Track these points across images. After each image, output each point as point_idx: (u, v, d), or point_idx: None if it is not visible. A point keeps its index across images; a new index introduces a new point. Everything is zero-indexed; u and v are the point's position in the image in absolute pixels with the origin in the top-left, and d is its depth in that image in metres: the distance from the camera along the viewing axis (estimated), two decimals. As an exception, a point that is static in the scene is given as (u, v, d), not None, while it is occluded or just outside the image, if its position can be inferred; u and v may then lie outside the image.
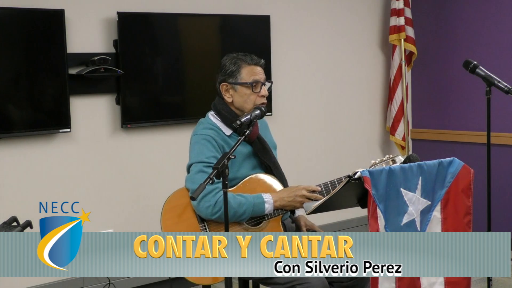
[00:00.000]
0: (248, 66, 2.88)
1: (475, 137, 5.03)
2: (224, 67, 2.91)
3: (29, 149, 3.83)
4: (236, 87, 2.88)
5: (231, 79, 2.88)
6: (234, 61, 2.90)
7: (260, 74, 2.89)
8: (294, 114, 4.95)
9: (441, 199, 2.54)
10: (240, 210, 2.74)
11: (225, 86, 2.90)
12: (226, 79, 2.89)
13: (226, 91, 2.91)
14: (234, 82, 2.87)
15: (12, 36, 3.70)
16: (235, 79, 2.87)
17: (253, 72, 2.88)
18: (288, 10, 4.89)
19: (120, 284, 4.08)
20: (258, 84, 2.87)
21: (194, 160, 2.80)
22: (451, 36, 5.20)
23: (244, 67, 2.88)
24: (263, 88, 2.89)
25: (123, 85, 4.06)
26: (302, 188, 2.82)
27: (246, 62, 2.89)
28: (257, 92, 2.87)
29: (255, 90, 2.87)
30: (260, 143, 2.93)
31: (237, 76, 2.87)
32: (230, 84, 2.88)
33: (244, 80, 2.86)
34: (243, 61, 2.89)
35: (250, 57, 2.91)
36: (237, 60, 2.90)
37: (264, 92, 2.89)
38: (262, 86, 2.89)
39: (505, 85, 3.19)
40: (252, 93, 2.87)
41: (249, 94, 2.87)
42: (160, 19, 4.22)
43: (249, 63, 2.89)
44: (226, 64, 2.91)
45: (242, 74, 2.87)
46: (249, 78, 2.86)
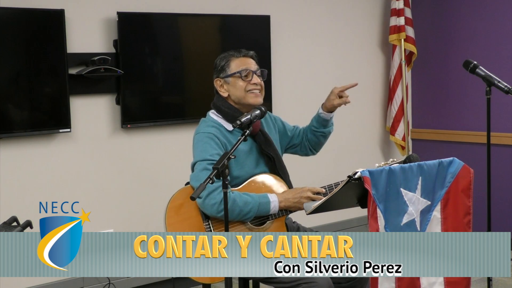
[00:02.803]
0: (236, 59, 2.94)
1: (475, 137, 5.03)
2: (216, 65, 2.98)
3: (29, 149, 3.83)
4: (228, 80, 2.92)
5: (222, 74, 2.93)
6: (224, 57, 2.97)
7: (249, 64, 2.93)
8: (294, 114, 4.94)
9: (441, 199, 2.54)
10: (246, 209, 2.75)
11: (218, 81, 2.95)
12: (218, 74, 2.96)
13: (220, 87, 2.95)
14: (225, 75, 2.92)
15: (12, 36, 3.70)
16: (225, 73, 2.92)
17: (241, 62, 2.93)
18: (288, 10, 4.89)
19: (120, 284, 4.08)
20: (248, 73, 2.91)
21: (198, 158, 2.81)
22: (451, 36, 5.20)
23: (233, 60, 2.94)
24: (254, 76, 2.91)
25: (123, 85, 4.06)
26: (307, 190, 2.84)
27: (234, 56, 2.95)
28: (248, 80, 2.90)
29: (246, 79, 2.90)
30: (263, 135, 2.95)
31: (227, 69, 2.93)
32: (222, 78, 2.93)
33: (233, 71, 2.91)
34: (231, 55, 2.96)
35: (239, 51, 2.97)
36: (226, 55, 2.97)
37: (256, 80, 2.91)
38: (253, 74, 2.91)
39: (505, 85, 3.19)
40: (243, 81, 2.90)
41: (240, 83, 2.91)
42: (160, 19, 4.23)
43: (237, 56, 2.95)
44: (217, 62, 2.99)
45: (231, 67, 2.93)
46: (238, 68, 2.91)
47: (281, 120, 3.20)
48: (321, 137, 3.19)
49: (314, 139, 3.19)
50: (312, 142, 3.21)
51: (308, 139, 3.20)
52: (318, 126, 3.16)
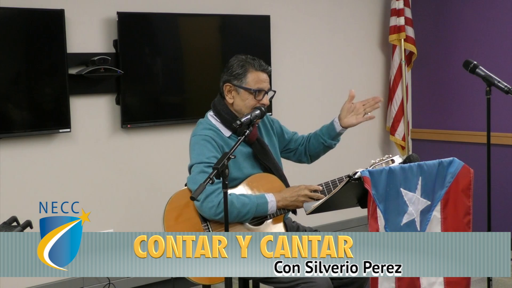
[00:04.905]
0: (255, 72, 2.87)
1: (475, 137, 5.03)
2: (231, 68, 2.90)
3: (29, 149, 3.83)
4: (239, 90, 2.87)
5: (236, 81, 2.87)
6: (242, 64, 2.88)
7: (265, 83, 2.89)
8: (294, 114, 4.95)
9: (441, 199, 2.54)
10: (244, 210, 2.75)
11: (228, 86, 2.90)
12: (231, 80, 2.89)
13: (228, 92, 2.91)
14: (239, 85, 2.87)
15: (12, 36, 3.70)
16: (240, 82, 2.87)
17: (259, 79, 2.87)
18: (288, 10, 4.89)
19: (120, 284, 4.08)
20: (261, 93, 2.87)
21: (195, 161, 2.81)
22: (451, 36, 5.20)
23: (250, 71, 2.87)
24: (265, 97, 2.89)
25: (123, 85, 4.06)
26: (304, 188, 2.84)
27: (253, 66, 2.87)
28: (258, 100, 2.87)
29: (257, 98, 2.87)
30: (260, 144, 2.93)
31: (243, 79, 2.86)
32: (234, 86, 2.88)
33: (249, 85, 2.86)
34: (251, 65, 2.88)
35: (259, 62, 2.90)
36: (245, 63, 2.89)
37: (265, 101, 2.89)
38: (265, 94, 2.89)
39: (505, 85, 3.19)
40: (253, 100, 2.87)
41: (250, 100, 2.87)
42: (160, 19, 4.22)
43: (257, 68, 2.88)
44: (234, 65, 2.90)
45: (248, 79, 2.86)
46: (254, 85, 2.86)
47: (279, 123, 3.18)
48: (322, 146, 3.14)
49: (315, 146, 3.15)
50: (312, 149, 3.17)
51: (309, 145, 3.16)
52: (325, 133, 3.11)
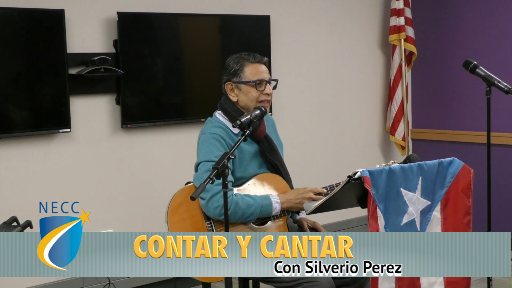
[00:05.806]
0: (251, 65, 2.89)
1: (475, 137, 5.03)
2: (228, 67, 2.93)
3: (29, 149, 3.83)
4: (240, 86, 2.89)
5: (235, 78, 2.90)
6: (237, 60, 2.92)
7: (264, 73, 2.91)
8: (294, 114, 4.95)
9: (441, 199, 2.54)
10: (248, 211, 2.76)
11: (229, 85, 2.92)
12: (230, 78, 2.91)
13: (231, 91, 2.92)
14: (239, 81, 2.89)
15: (12, 36, 3.70)
16: (239, 78, 2.89)
17: (256, 70, 2.89)
18: (288, 10, 4.89)
19: (120, 284, 4.08)
20: (262, 83, 2.89)
21: (203, 159, 2.81)
22: (451, 36, 5.20)
23: (247, 65, 2.89)
24: (267, 87, 2.90)
25: (123, 85, 4.06)
26: (309, 191, 2.84)
27: (249, 60, 2.90)
28: (261, 90, 2.88)
29: (259, 89, 2.88)
30: (268, 142, 2.94)
31: (241, 75, 2.88)
32: (235, 83, 2.90)
33: (248, 78, 2.88)
34: (245, 59, 2.90)
35: (253, 56, 2.92)
36: (240, 59, 2.92)
37: (268, 91, 2.90)
38: (266, 84, 2.90)
39: (505, 85, 3.18)
40: (256, 91, 2.88)
41: (253, 92, 2.88)
42: (160, 19, 4.22)
43: (252, 61, 2.90)
44: (230, 63, 2.93)
45: (245, 73, 2.88)
46: (253, 77, 2.88)
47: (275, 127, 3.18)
48: None
49: None
50: None
51: None
52: None
